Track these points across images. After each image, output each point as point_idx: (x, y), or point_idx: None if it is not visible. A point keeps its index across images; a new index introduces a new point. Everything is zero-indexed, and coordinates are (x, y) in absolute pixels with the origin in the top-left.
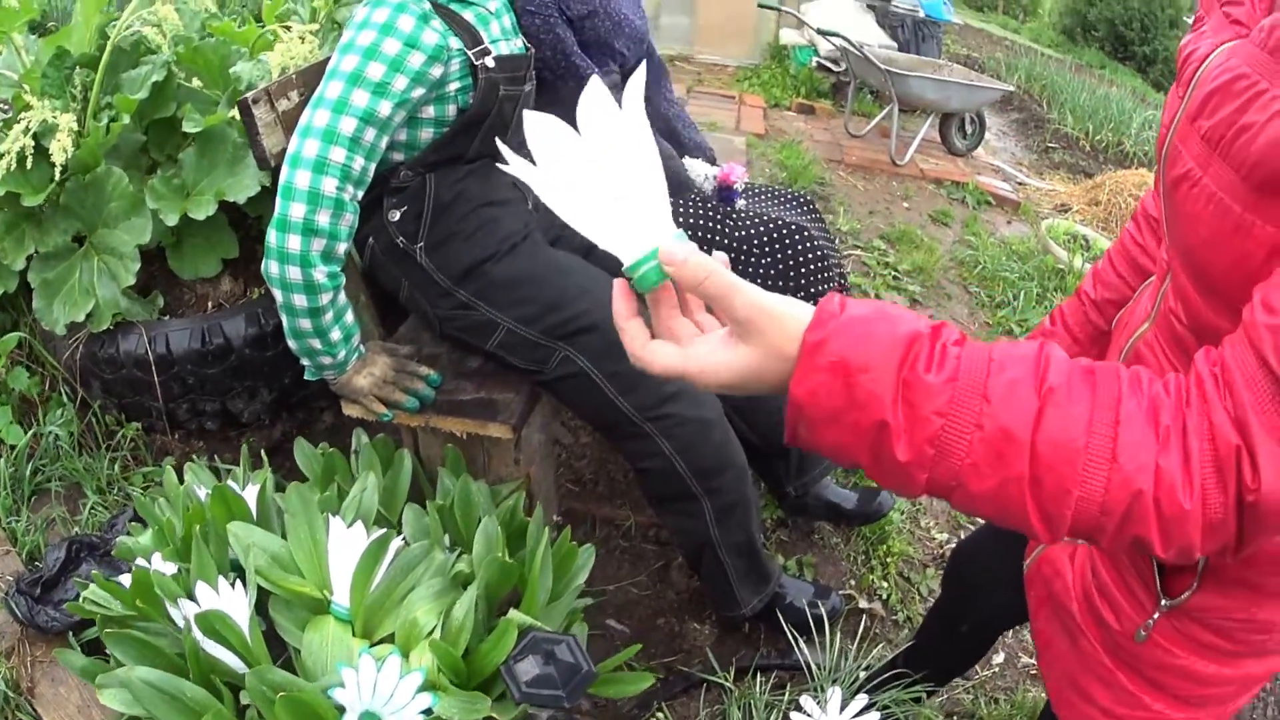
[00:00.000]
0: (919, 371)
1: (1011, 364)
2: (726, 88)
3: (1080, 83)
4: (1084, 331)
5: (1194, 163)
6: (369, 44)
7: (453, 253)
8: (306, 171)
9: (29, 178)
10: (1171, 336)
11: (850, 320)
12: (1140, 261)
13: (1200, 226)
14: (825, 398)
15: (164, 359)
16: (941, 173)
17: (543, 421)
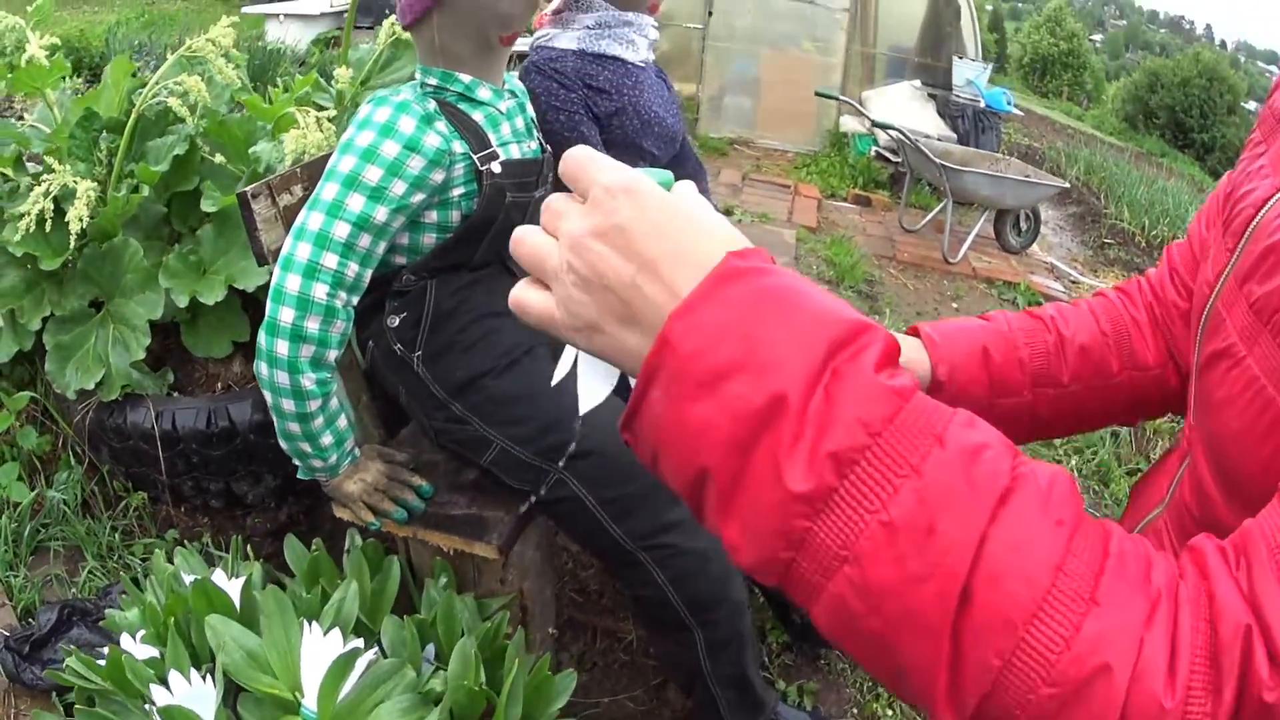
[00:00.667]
0: (862, 362)
1: (983, 427)
2: (784, 175)
3: (1139, 174)
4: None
5: (1237, 336)
6: (367, 145)
7: (450, 364)
8: (297, 276)
9: (49, 240)
10: (1181, 530)
11: (787, 272)
12: (1129, 340)
13: (1233, 416)
14: (715, 343)
15: (169, 435)
16: (994, 271)
17: (539, 538)
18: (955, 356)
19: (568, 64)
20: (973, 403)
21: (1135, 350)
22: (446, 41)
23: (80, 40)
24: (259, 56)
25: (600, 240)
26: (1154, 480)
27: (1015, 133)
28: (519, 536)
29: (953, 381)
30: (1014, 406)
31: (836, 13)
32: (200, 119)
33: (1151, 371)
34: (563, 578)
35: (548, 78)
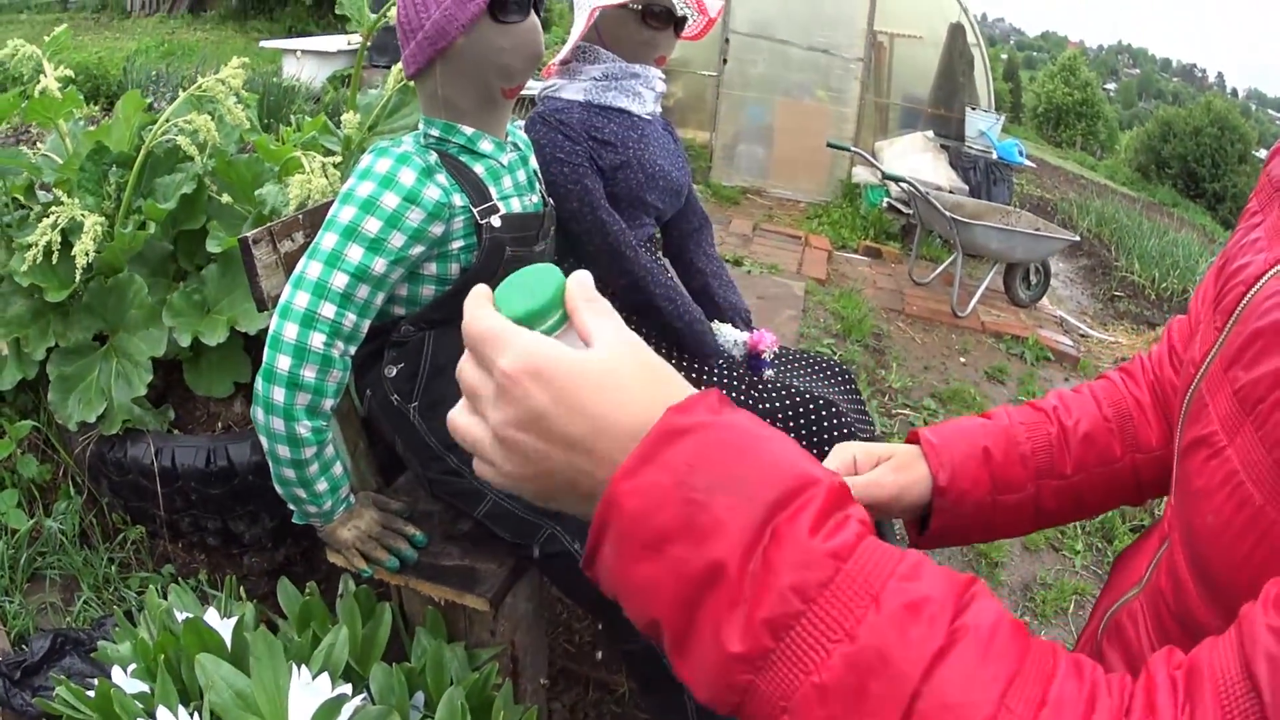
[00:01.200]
0: (799, 526)
1: (927, 577)
2: (795, 225)
3: (1150, 226)
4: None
5: (1219, 424)
6: (367, 196)
7: (445, 416)
8: (295, 324)
9: (55, 272)
10: (1156, 617)
11: (731, 425)
12: (1132, 422)
13: (1210, 510)
14: (656, 507)
15: (169, 472)
16: (1003, 325)
17: (532, 590)
18: (955, 460)
19: (573, 115)
20: (975, 504)
21: (1138, 432)
22: (449, 93)
23: (99, 68)
24: (273, 92)
25: (523, 431)
26: (1135, 557)
27: (1028, 184)
28: (511, 589)
29: (954, 486)
30: (1017, 502)
31: (851, 62)
32: (209, 158)
33: (1155, 453)
34: (556, 628)
35: (553, 129)
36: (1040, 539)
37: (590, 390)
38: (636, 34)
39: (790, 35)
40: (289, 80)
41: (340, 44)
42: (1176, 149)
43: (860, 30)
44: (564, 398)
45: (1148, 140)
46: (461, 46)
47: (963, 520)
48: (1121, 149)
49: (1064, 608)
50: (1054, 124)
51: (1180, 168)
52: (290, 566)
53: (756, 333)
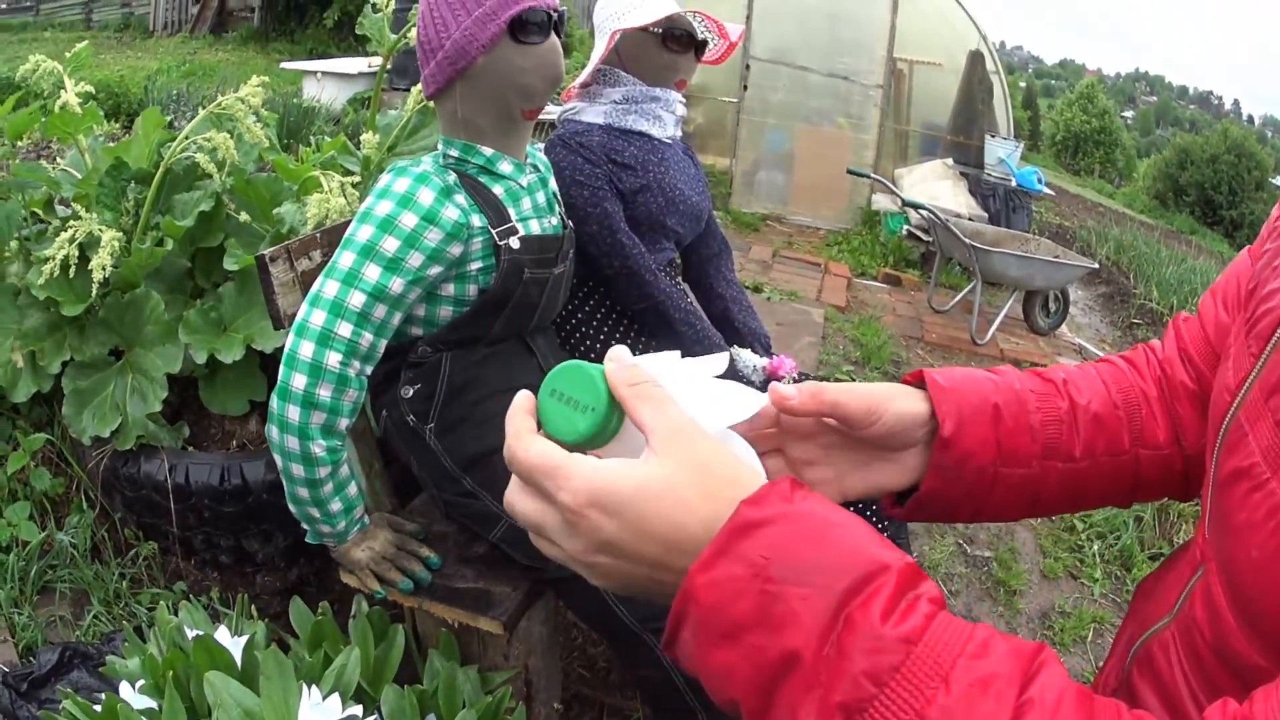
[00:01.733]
0: (871, 612)
1: (995, 653)
2: (815, 253)
3: (1168, 253)
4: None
5: (1261, 456)
6: (385, 215)
7: (462, 438)
8: (311, 343)
9: (72, 286)
10: (1191, 649)
11: (804, 514)
12: (1139, 414)
13: (1254, 545)
14: (733, 598)
15: (182, 489)
16: (1021, 353)
17: (546, 614)
18: (964, 410)
19: (593, 139)
20: (976, 470)
21: (1145, 426)
22: (469, 114)
23: (120, 86)
24: (293, 113)
25: (599, 555)
26: (1163, 584)
27: (1047, 211)
28: (525, 612)
29: (959, 440)
30: (1021, 479)
31: (871, 89)
32: (227, 176)
33: (1161, 451)
34: (571, 653)
35: (573, 152)
36: (1059, 567)
37: (656, 511)
38: (657, 57)
39: (810, 62)
40: (309, 101)
41: (360, 66)
42: (1194, 176)
43: (880, 57)
44: (632, 524)
45: (1165, 168)
46: (482, 66)
47: (957, 487)
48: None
49: (1083, 636)
50: (1072, 152)
51: (1197, 195)
52: (303, 586)
53: (776, 358)
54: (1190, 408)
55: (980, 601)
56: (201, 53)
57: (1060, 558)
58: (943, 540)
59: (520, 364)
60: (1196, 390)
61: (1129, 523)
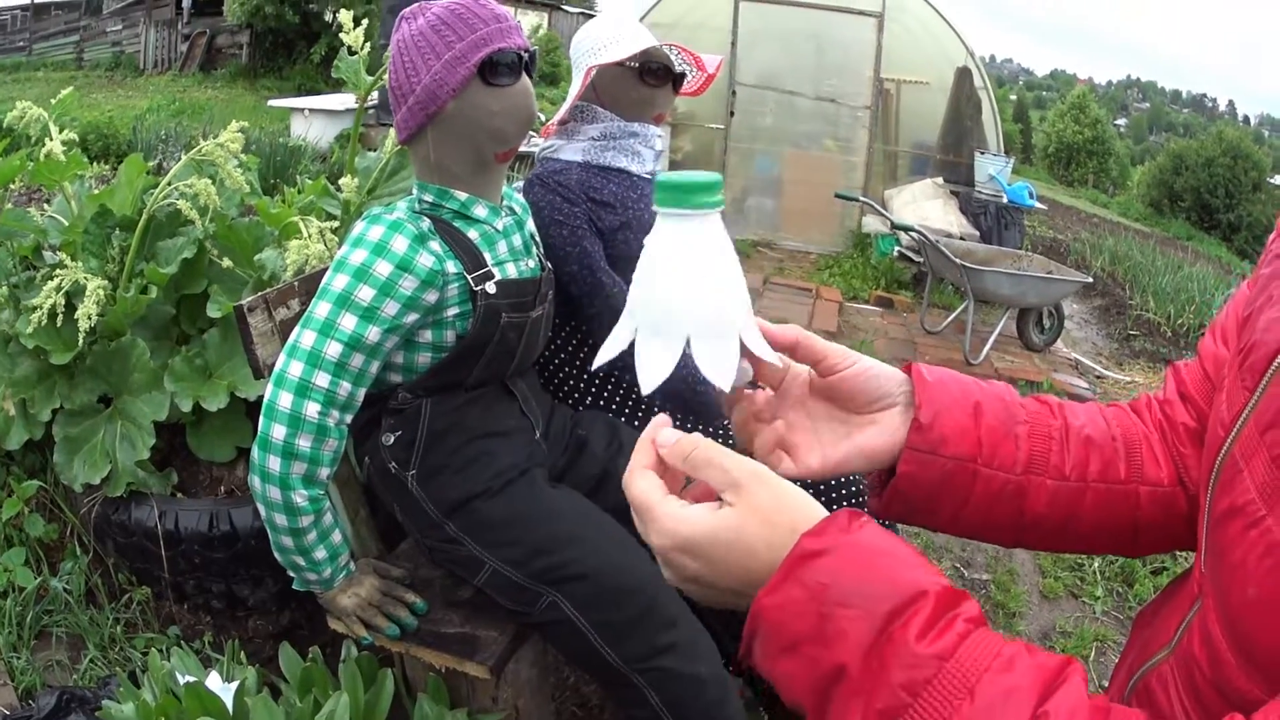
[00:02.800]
0: (909, 632)
1: (1019, 668)
2: (806, 278)
3: (1165, 261)
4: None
5: (1256, 493)
6: (360, 264)
7: (444, 484)
8: (289, 393)
9: (60, 334)
10: (1190, 683)
11: (856, 544)
12: (1139, 452)
13: (1251, 583)
14: (793, 618)
15: (172, 535)
16: (1016, 371)
17: (535, 655)
18: (944, 399)
19: (572, 177)
20: (954, 458)
21: (1145, 464)
22: (442, 158)
23: (109, 127)
24: (279, 152)
25: (687, 583)
26: (1161, 615)
27: (1040, 225)
28: (512, 655)
29: (936, 425)
30: (1002, 485)
31: (858, 111)
32: (210, 222)
33: (1162, 488)
34: (564, 691)
35: (551, 191)
36: (1059, 586)
37: (726, 556)
38: (634, 92)
39: (797, 86)
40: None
41: (348, 102)
42: (1189, 181)
43: (867, 78)
44: (710, 564)
45: (1159, 174)
46: (453, 111)
47: (935, 474)
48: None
49: (1085, 655)
50: (1065, 163)
51: (1193, 200)
52: (296, 629)
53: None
54: (1194, 448)
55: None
56: (191, 90)
57: (1060, 577)
58: (940, 564)
59: (501, 408)
60: (1198, 429)
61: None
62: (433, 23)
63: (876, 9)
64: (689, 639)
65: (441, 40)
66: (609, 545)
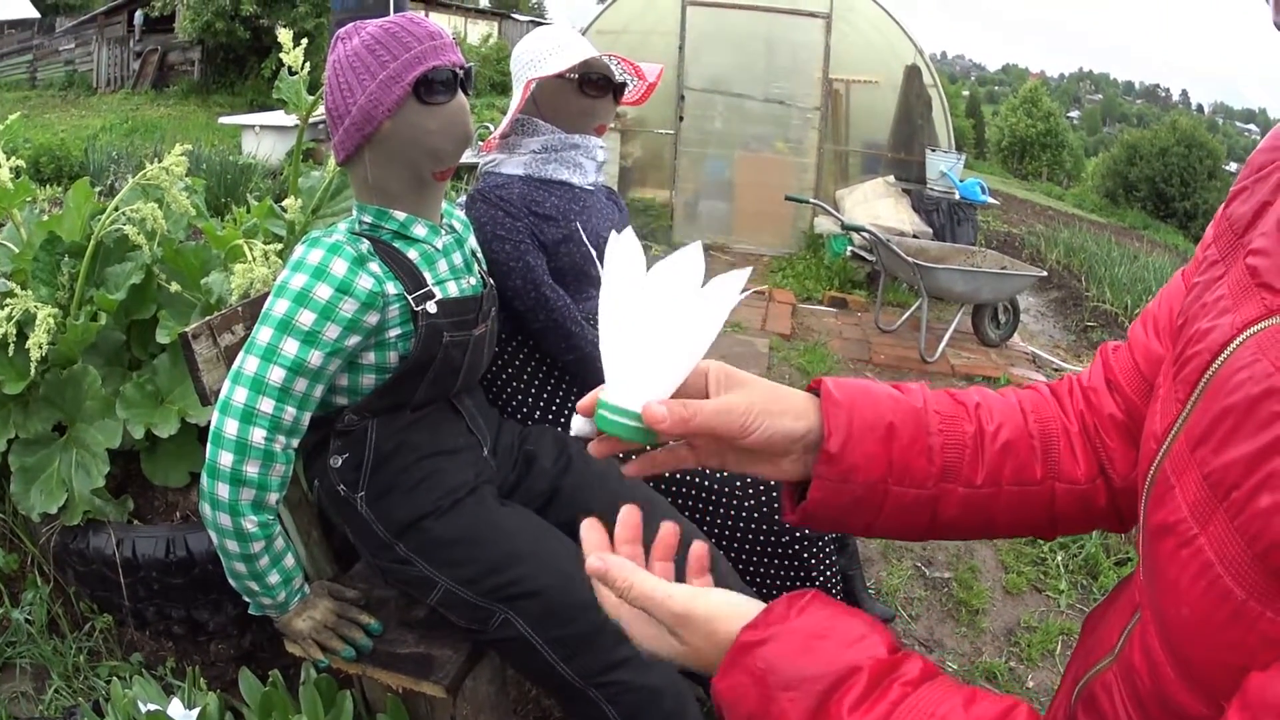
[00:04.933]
0: (842, 707)
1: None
2: (759, 280)
3: (1120, 252)
4: None
5: (1188, 511)
6: (300, 289)
7: (393, 505)
8: (235, 420)
9: (13, 364)
10: (1134, 693)
11: (794, 630)
12: (1056, 448)
13: (1184, 602)
14: (742, 700)
15: (130, 562)
16: (973, 367)
17: (492, 672)
18: (855, 425)
19: (513, 191)
20: (864, 484)
21: (1061, 461)
22: (380, 178)
23: (62, 149)
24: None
25: (686, 661)
26: (1105, 621)
27: (994, 219)
28: (469, 673)
29: (845, 455)
30: (914, 500)
31: (808, 112)
32: (157, 246)
33: (1079, 486)
34: (526, 704)
35: (493, 206)
36: (1022, 581)
37: (694, 659)
38: (575, 103)
39: (746, 89)
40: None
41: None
42: (1144, 171)
43: (815, 79)
44: (684, 656)
45: (1114, 165)
46: (389, 130)
47: (845, 499)
48: (1088, 176)
49: (1050, 650)
50: (1019, 157)
51: (1149, 189)
52: (257, 652)
53: None
54: (1119, 440)
55: (942, 624)
56: (144, 108)
57: (1023, 572)
58: (900, 564)
59: (448, 427)
60: (1126, 422)
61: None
62: (367, 42)
63: (824, 10)
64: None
65: (376, 60)
66: (560, 561)
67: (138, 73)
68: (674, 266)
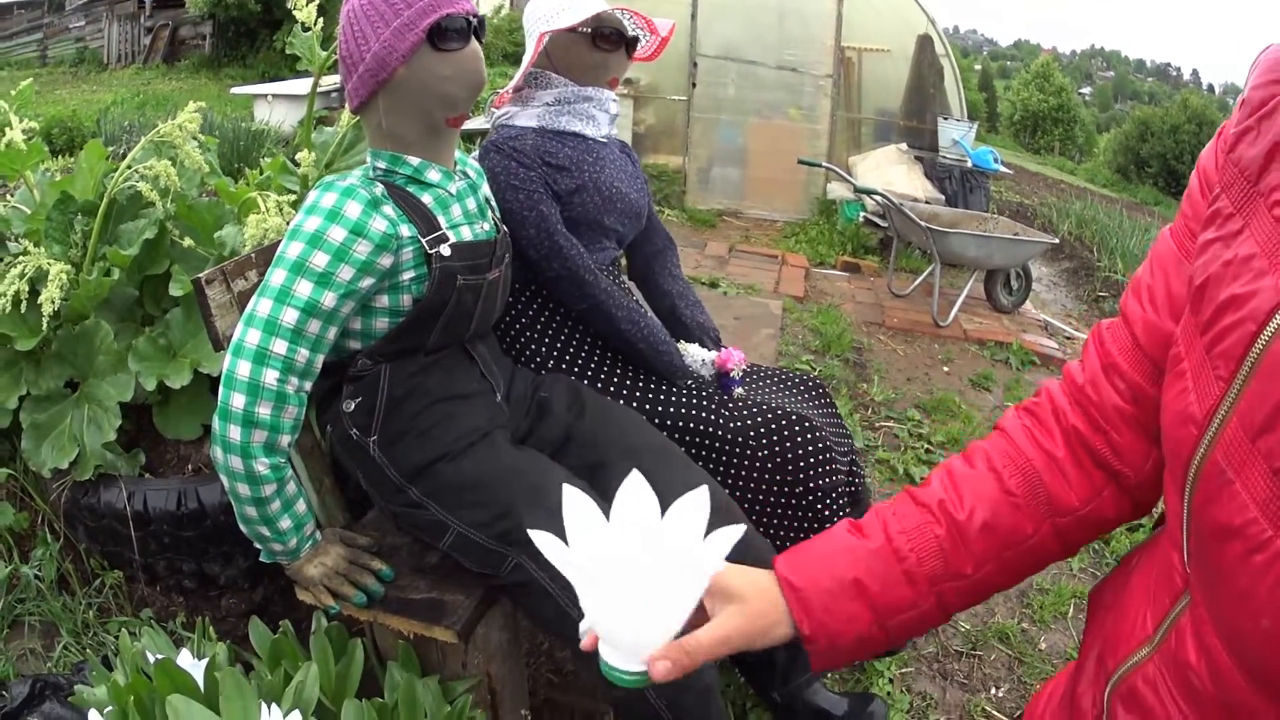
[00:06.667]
0: None
1: None
2: (772, 245)
3: (1131, 224)
4: None
5: (1257, 511)
6: (314, 231)
7: (406, 449)
8: (247, 362)
9: (25, 321)
10: (1187, 690)
11: None
12: (1044, 489)
13: (1265, 614)
14: None
15: (141, 516)
16: (985, 333)
17: (505, 619)
18: (819, 601)
19: (527, 142)
20: (857, 637)
21: (1053, 497)
22: (393, 125)
23: (74, 120)
24: (243, 138)
25: None
26: (1130, 600)
27: (1006, 190)
28: (481, 620)
29: (822, 632)
30: (915, 616)
31: (820, 80)
32: (170, 203)
33: (1077, 513)
34: (539, 657)
35: (506, 156)
36: None
37: None
38: (587, 57)
39: (758, 56)
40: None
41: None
42: (1155, 148)
43: (828, 47)
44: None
45: (1125, 141)
46: (403, 77)
47: (847, 652)
48: (1100, 152)
49: (1063, 612)
50: (1030, 131)
51: (1160, 166)
52: (267, 606)
53: (724, 351)
54: (1130, 433)
55: None
56: (155, 83)
57: None
58: None
59: (461, 372)
60: (1134, 411)
61: None
62: None
63: None
64: None
65: (390, 8)
66: None
67: (148, 48)
68: (681, 517)
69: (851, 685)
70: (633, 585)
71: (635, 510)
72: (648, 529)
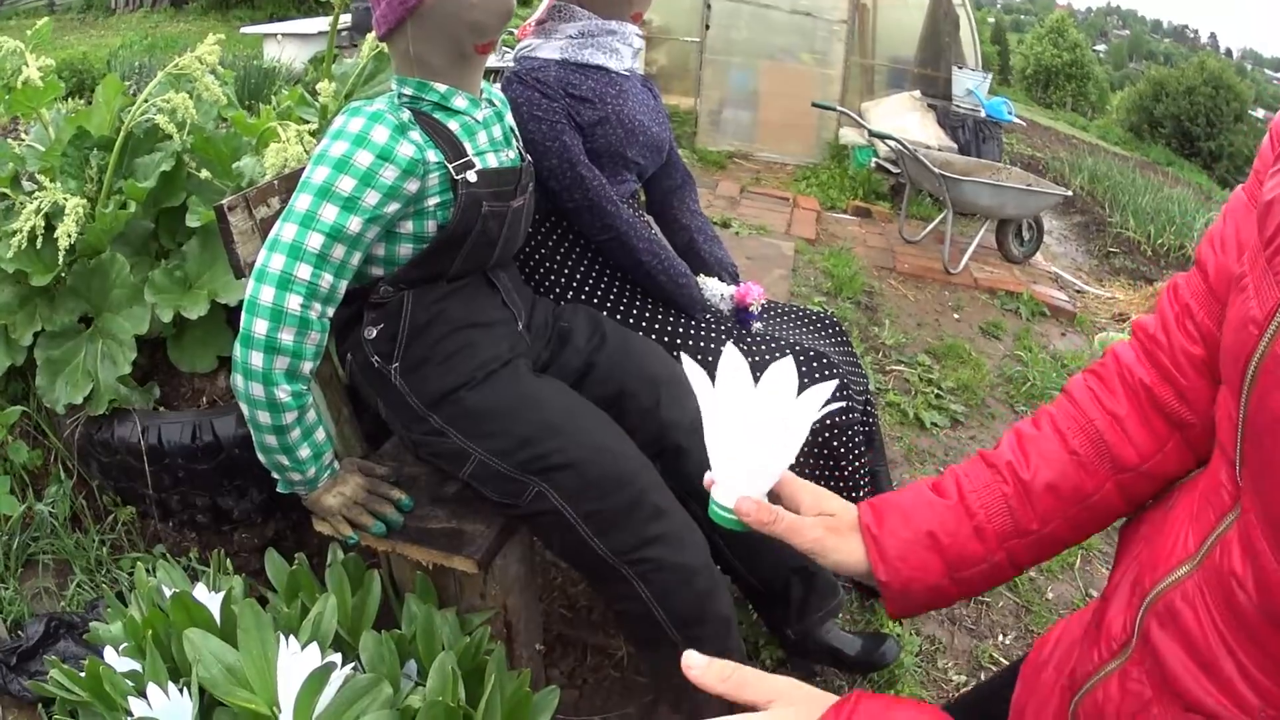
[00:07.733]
0: None
1: None
2: (783, 188)
3: (1144, 182)
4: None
5: None
6: (340, 155)
7: (427, 376)
8: (271, 287)
9: (40, 256)
10: (1226, 601)
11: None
12: (1107, 447)
13: None
14: None
15: (155, 450)
16: (996, 281)
17: (523, 552)
18: (896, 550)
19: (550, 73)
20: (929, 587)
21: (1116, 455)
22: (421, 51)
23: (83, 63)
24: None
25: None
26: (1171, 526)
27: (1018, 143)
28: (500, 550)
29: (897, 578)
30: (985, 571)
31: (834, 24)
32: (187, 135)
33: (1141, 468)
34: (551, 593)
35: (529, 87)
36: None
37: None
38: None
39: None
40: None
41: (320, 25)
42: (1169, 108)
43: None
44: None
45: (1139, 100)
46: (432, 4)
47: (920, 600)
48: (1113, 109)
49: (1070, 563)
50: (1043, 85)
51: (1174, 127)
52: (281, 541)
53: (743, 286)
54: (1198, 377)
55: None
56: (163, 25)
57: None
58: (923, 468)
59: (484, 300)
60: (1204, 356)
61: None
62: None
63: None
64: (677, 531)
65: None
66: (594, 434)
67: None
68: (774, 380)
69: (863, 626)
70: (755, 432)
71: (779, 383)
72: (779, 395)
